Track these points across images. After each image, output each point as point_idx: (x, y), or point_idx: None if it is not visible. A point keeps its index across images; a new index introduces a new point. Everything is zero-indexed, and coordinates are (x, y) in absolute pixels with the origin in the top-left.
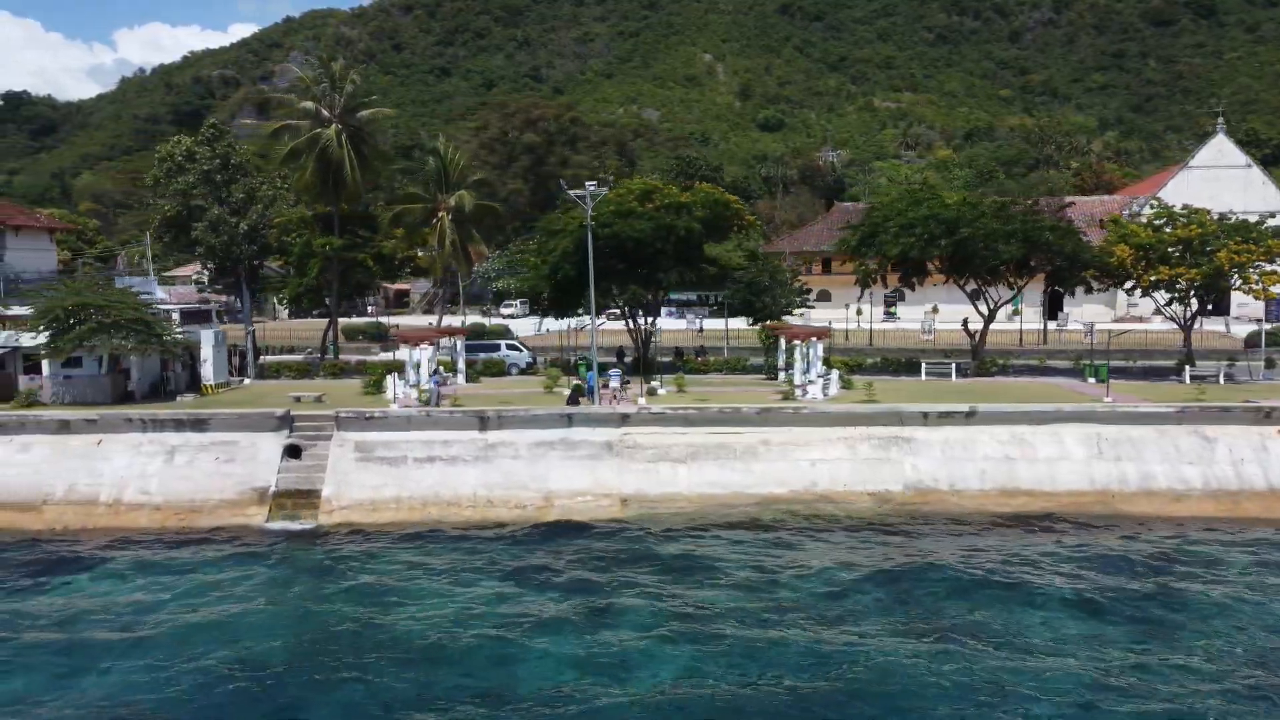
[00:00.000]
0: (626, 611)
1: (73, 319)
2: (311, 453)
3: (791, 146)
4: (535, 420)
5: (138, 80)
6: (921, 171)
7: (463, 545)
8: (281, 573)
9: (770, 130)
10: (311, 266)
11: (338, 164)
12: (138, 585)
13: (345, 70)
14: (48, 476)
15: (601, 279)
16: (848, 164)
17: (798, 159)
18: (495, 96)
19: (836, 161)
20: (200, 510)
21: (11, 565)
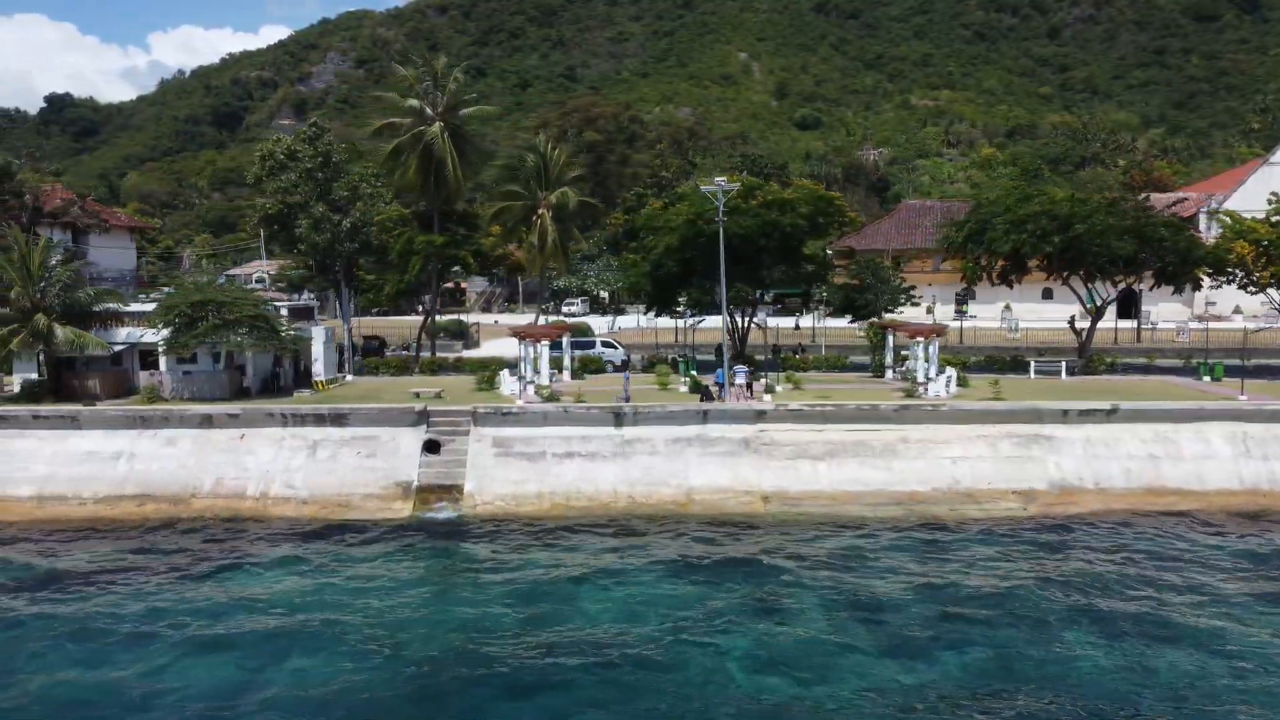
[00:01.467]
0: (800, 610)
1: (196, 316)
2: (450, 448)
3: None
4: (671, 417)
5: (177, 82)
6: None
7: (611, 540)
8: (438, 566)
9: (807, 129)
10: (414, 264)
11: (439, 162)
12: (299, 578)
13: (448, 68)
14: (194, 470)
15: (704, 276)
16: (890, 162)
17: (841, 157)
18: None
19: (879, 160)
20: (346, 504)
21: (173, 558)
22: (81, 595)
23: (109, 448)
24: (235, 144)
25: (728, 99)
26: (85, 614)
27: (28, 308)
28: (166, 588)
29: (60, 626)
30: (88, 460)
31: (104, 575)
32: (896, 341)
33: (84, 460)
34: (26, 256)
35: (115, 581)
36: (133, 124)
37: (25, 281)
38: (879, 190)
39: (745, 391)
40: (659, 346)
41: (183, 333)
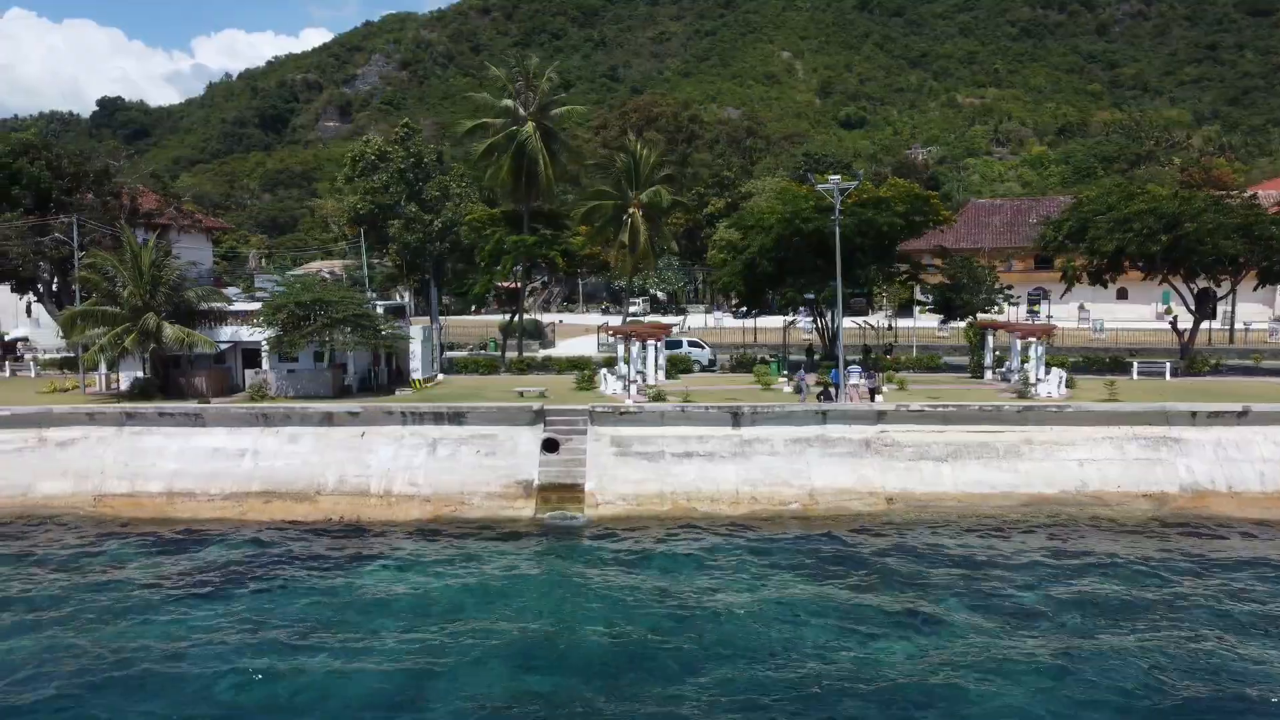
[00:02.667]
0: (948, 614)
1: (303, 315)
2: (568, 447)
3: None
4: (790, 417)
5: (224, 85)
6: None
7: (740, 540)
8: (573, 566)
9: (852, 128)
10: (505, 264)
11: (531, 161)
12: (436, 578)
13: (541, 68)
14: (317, 468)
15: (799, 275)
16: (939, 161)
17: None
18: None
19: (929, 158)
20: (468, 502)
21: (308, 556)
22: (229, 594)
23: (233, 445)
24: (281, 145)
25: (771, 98)
26: (246, 612)
27: (138, 307)
28: (307, 586)
29: (223, 625)
30: (214, 457)
31: (244, 572)
32: (996, 342)
33: (210, 457)
34: (138, 256)
35: (257, 578)
36: (182, 126)
37: (136, 281)
38: (929, 189)
39: (860, 392)
40: (738, 346)
41: (290, 331)
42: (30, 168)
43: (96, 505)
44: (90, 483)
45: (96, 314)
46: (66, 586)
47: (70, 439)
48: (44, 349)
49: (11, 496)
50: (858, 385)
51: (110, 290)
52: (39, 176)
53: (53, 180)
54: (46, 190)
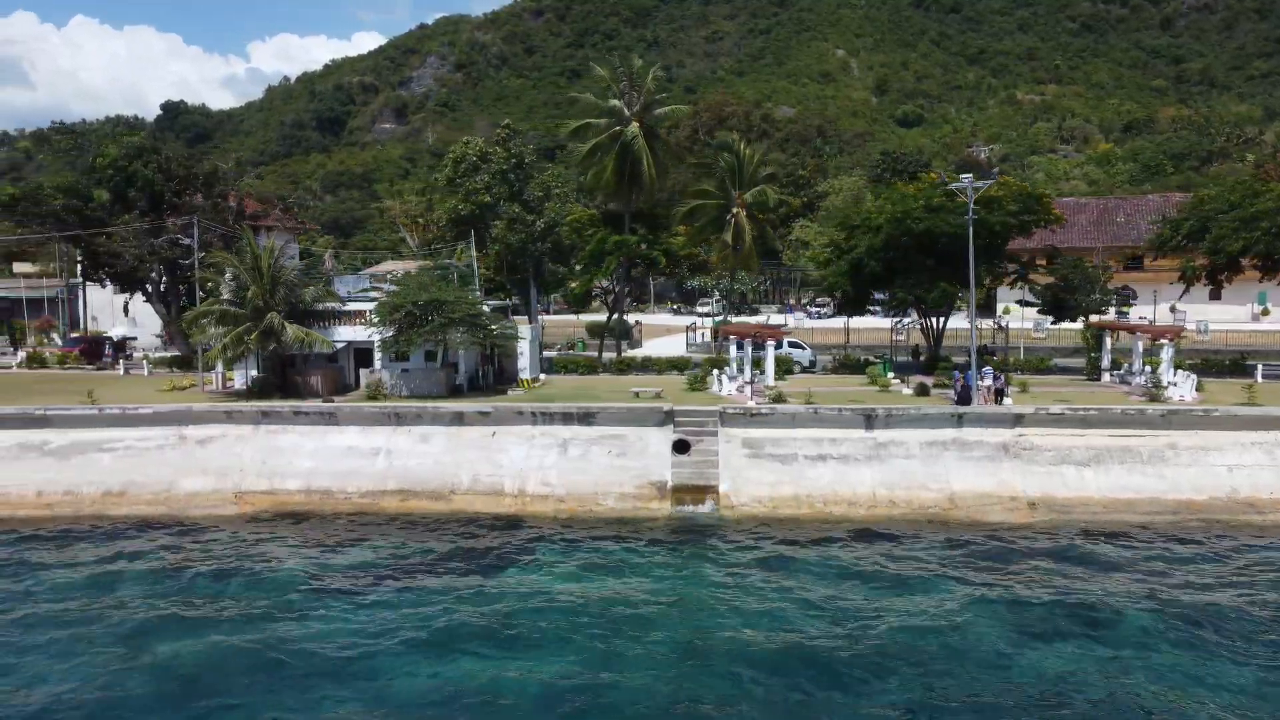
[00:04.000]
0: (1120, 622)
1: (420, 315)
2: (699, 448)
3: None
4: (925, 420)
5: (283, 88)
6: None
7: (884, 544)
8: (717, 569)
9: (909, 126)
10: (608, 264)
11: (635, 161)
12: (581, 576)
13: (645, 68)
14: (450, 467)
15: (908, 276)
16: (1002, 159)
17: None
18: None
19: (991, 157)
20: (603, 502)
21: (451, 555)
22: (383, 592)
23: (367, 444)
24: (339, 147)
25: (826, 97)
26: (403, 611)
27: (259, 307)
28: (457, 585)
29: (383, 624)
30: (348, 455)
31: (394, 571)
32: (1114, 343)
33: (344, 455)
34: (258, 257)
35: (407, 577)
36: (242, 129)
37: (257, 281)
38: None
39: (990, 394)
40: (829, 347)
41: (406, 331)
42: (145, 170)
43: (238, 502)
44: (230, 480)
45: (219, 314)
46: (225, 586)
47: (209, 437)
48: (142, 348)
49: (156, 493)
50: (988, 388)
51: (233, 290)
52: (153, 179)
53: (164, 182)
54: (159, 192)
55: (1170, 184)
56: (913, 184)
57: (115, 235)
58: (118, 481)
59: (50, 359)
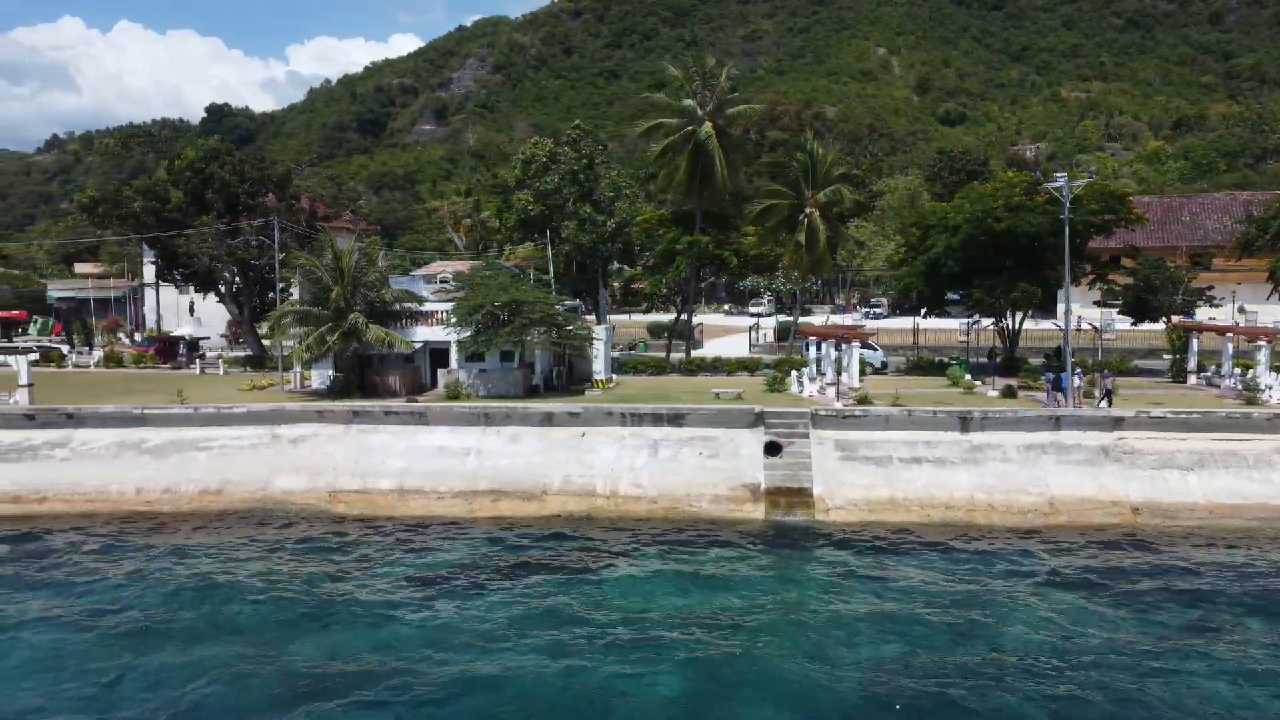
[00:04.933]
0: (1252, 635)
1: (500, 315)
2: (791, 450)
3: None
4: (1021, 422)
5: (324, 90)
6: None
7: (984, 549)
8: (821, 573)
9: (951, 124)
10: (679, 264)
11: (708, 161)
12: (682, 579)
13: (718, 68)
14: (540, 467)
15: (987, 276)
16: (1049, 157)
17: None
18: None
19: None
20: (695, 504)
21: (549, 554)
22: (486, 592)
23: (457, 444)
24: (380, 148)
25: (867, 95)
26: (509, 611)
27: (341, 307)
28: (558, 586)
29: (490, 624)
30: (439, 455)
31: (494, 571)
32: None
33: (436, 455)
34: (339, 258)
35: (507, 577)
36: (284, 131)
37: (338, 282)
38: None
39: (1079, 397)
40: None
41: (484, 331)
42: (221, 172)
43: (331, 501)
44: (324, 479)
45: (300, 314)
46: (334, 584)
47: (301, 436)
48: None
49: (252, 491)
50: (1099, 390)
51: (312, 291)
52: (229, 181)
53: (239, 184)
54: (235, 194)
55: (1225, 182)
56: (988, 183)
57: (193, 236)
58: (214, 480)
59: (127, 358)
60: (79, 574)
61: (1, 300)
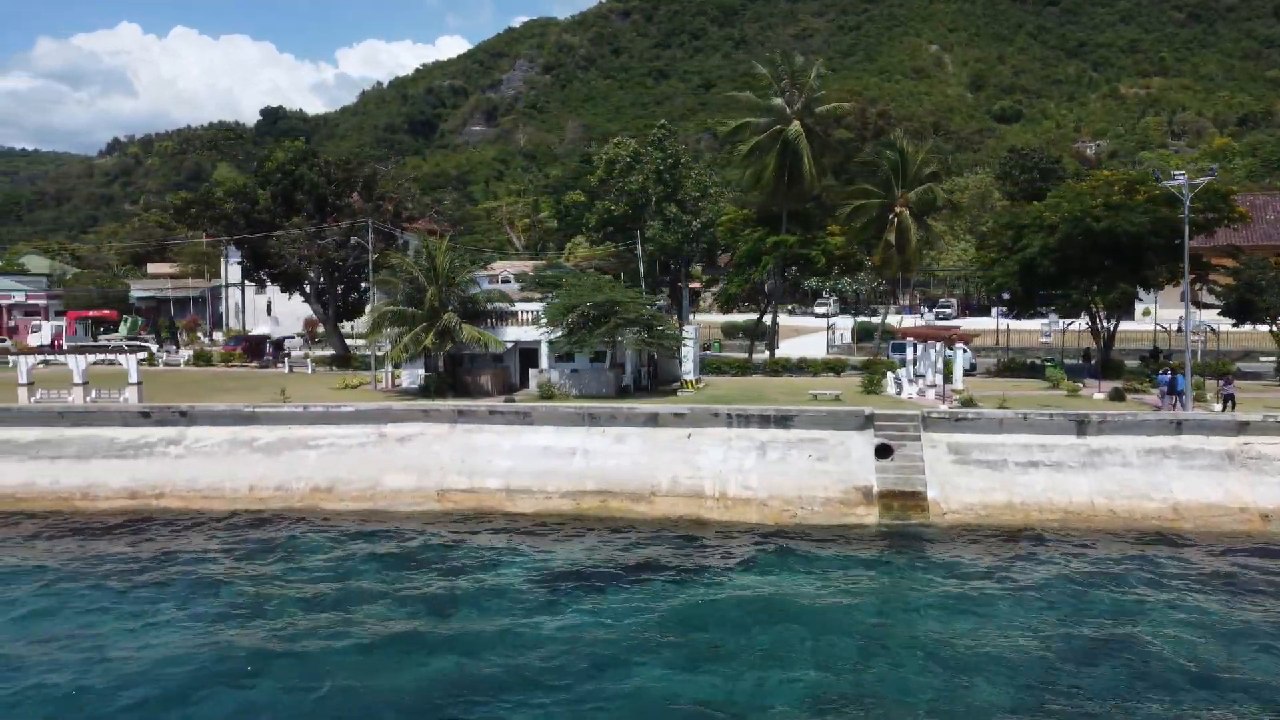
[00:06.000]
0: None
1: (595, 315)
2: (902, 453)
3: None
4: (1140, 426)
5: (376, 93)
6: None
7: (1109, 555)
8: (942, 579)
9: (1007, 122)
10: (765, 263)
11: (795, 160)
12: (804, 583)
13: (807, 65)
14: (647, 468)
15: (1085, 276)
16: (1110, 155)
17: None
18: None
19: (1099, 153)
20: (807, 507)
21: (665, 555)
22: (609, 593)
23: (562, 444)
24: (431, 149)
25: (920, 93)
26: (633, 613)
27: (435, 308)
28: (678, 590)
29: (617, 626)
30: (545, 455)
31: (613, 572)
32: None
33: (541, 455)
34: (434, 259)
35: (626, 579)
36: (338, 133)
37: (433, 282)
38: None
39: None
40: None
41: (577, 331)
42: (310, 173)
43: (440, 500)
44: (431, 478)
45: (395, 314)
46: (451, 583)
47: (408, 435)
48: (291, 347)
49: (362, 489)
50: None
51: (409, 291)
52: (317, 182)
53: (326, 185)
54: (323, 195)
55: None
56: (1083, 181)
57: (283, 237)
58: (324, 477)
59: (214, 357)
60: (208, 570)
61: (89, 300)
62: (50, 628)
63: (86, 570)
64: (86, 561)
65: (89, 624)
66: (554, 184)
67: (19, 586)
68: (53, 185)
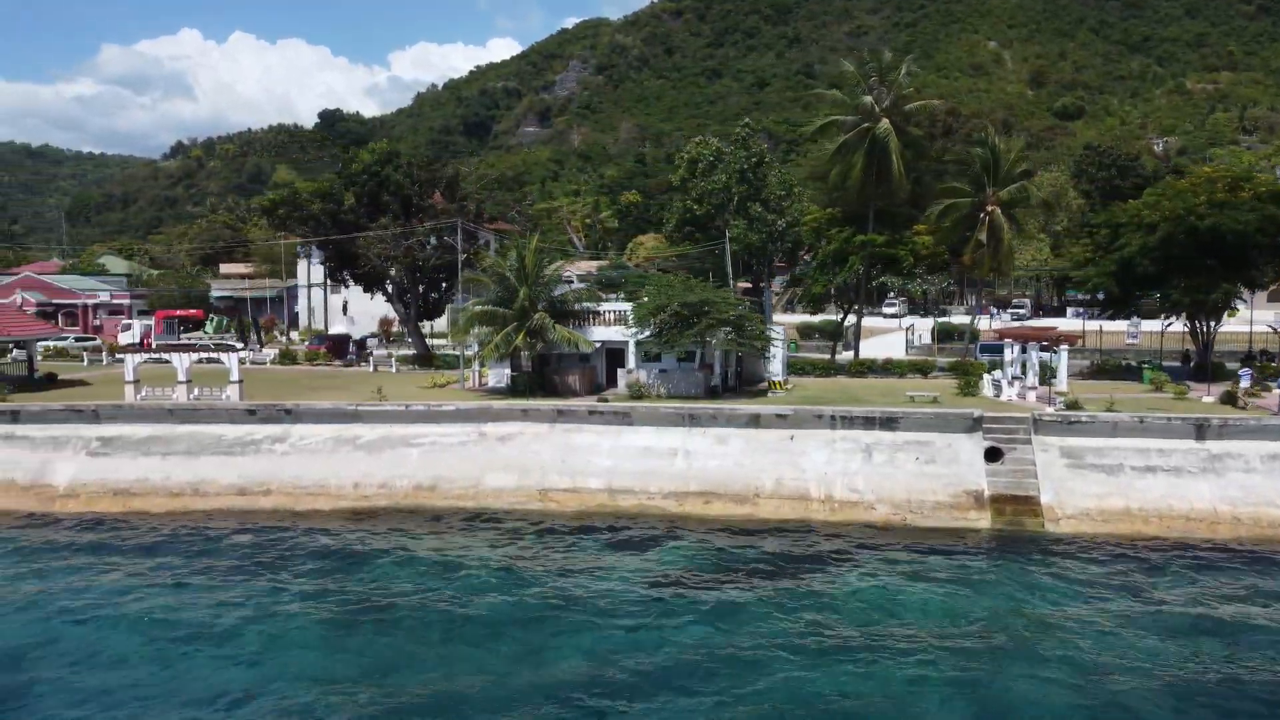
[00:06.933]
0: None
1: (686, 316)
2: (1013, 456)
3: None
4: (1264, 430)
5: (431, 95)
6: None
7: (1236, 565)
8: (1065, 587)
9: (1069, 119)
10: (852, 264)
11: (884, 159)
12: (925, 590)
13: (896, 61)
14: (750, 470)
15: (1185, 276)
16: (1179, 152)
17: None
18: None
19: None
20: (916, 511)
21: (775, 558)
22: (721, 597)
23: (663, 444)
24: (485, 150)
25: (979, 90)
26: (757, 615)
27: (525, 307)
28: (791, 593)
29: (730, 630)
30: (646, 456)
31: (724, 575)
32: None
33: (642, 456)
34: (524, 258)
35: (738, 581)
36: (393, 135)
37: (523, 282)
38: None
39: None
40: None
41: (667, 331)
42: (395, 174)
43: (542, 499)
44: (533, 477)
45: (486, 314)
46: (565, 585)
47: (508, 434)
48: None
49: (464, 488)
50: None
51: (499, 291)
52: (402, 183)
53: (410, 186)
54: (407, 196)
55: None
56: (1183, 179)
57: (369, 237)
58: (427, 476)
59: (300, 356)
60: (329, 568)
61: (172, 299)
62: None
63: (212, 566)
64: (210, 558)
65: (219, 623)
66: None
67: (147, 586)
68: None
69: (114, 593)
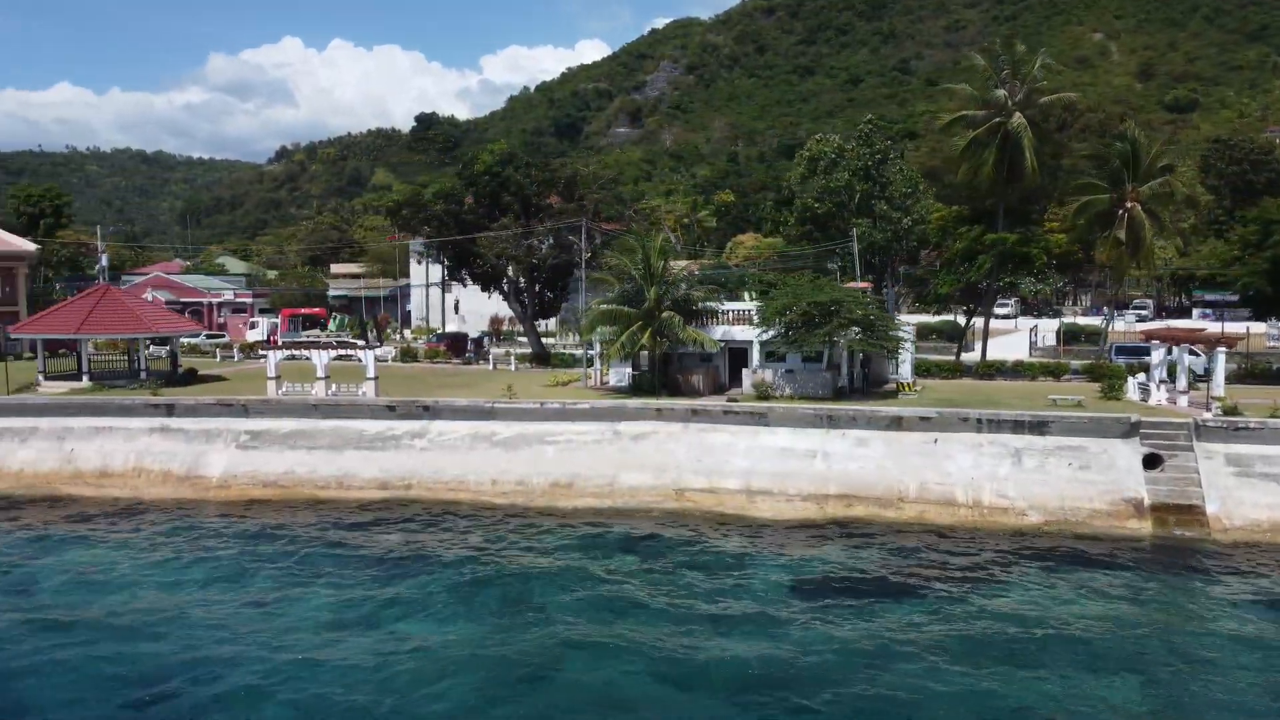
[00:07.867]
0: None
1: (815, 315)
2: (1173, 463)
3: (1223, 127)
4: None
5: (523, 97)
6: None
7: None
8: (1234, 599)
9: (1181, 112)
10: (982, 263)
11: (1016, 154)
12: (1093, 601)
13: (1029, 54)
14: (893, 473)
15: None
16: None
17: (1243, 141)
18: (862, 93)
19: None
20: (1071, 519)
21: (927, 564)
22: (875, 602)
23: (800, 445)
24: (576, 151)
25: (1084, 84)
26: (913, 621)
27: (651, 307)
28: (948, 601)
29: (887, 636)
30: (783, 457)
31: (880, 580)
32: None
33: (779, 457)
34: (649, 258)
35: (894, 586)
36: (486, 138)
37: (649, 282)
38: None
39: None
40: None
41: (795, 331)
42: (516, 175)
43: (679, 498)
44: (668, 476)
45: (609, 313)
46: (715, 587)
47: (642, 433)
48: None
49: (600, 486)
50: None
51: (625, 291)
52: (523, 184)
53: (530, 187)
54: (527, 197)
55: None
56: None
57: (489, 237)
58: (564, 473)
59: (420, 353)
60: (479, 564)
61: (294, 298)
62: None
63: (371, 562)
64: (367, 551)
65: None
66: (702, 184)
67: (309, 581)
68: (227, 191)
69: (307, 583)
